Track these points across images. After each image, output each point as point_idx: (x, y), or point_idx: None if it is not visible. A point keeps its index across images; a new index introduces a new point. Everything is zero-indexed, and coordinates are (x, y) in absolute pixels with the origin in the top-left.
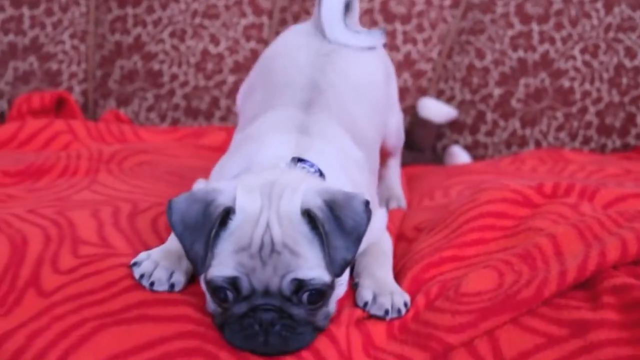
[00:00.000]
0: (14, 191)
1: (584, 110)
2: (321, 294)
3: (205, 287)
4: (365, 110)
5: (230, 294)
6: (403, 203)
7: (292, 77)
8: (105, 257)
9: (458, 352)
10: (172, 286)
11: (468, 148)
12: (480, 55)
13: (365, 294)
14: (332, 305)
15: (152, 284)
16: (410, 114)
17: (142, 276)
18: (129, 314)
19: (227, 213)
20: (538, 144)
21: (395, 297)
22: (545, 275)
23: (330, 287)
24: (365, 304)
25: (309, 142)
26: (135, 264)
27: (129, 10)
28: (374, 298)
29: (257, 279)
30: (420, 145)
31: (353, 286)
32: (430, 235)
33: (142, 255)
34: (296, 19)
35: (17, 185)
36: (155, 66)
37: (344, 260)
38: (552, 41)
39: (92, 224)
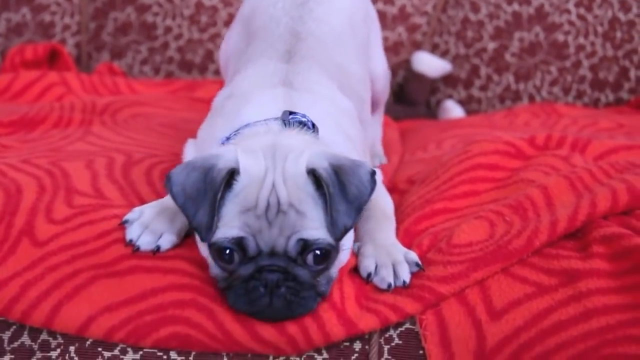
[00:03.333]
0: (7, 141)
1: (577, 65)
2: (325, 255)
3: (209, 251)
4: (349, 55)
5: (236, 256)
6: (384, 160)
7: (271, 29)
8: (99, 208)
9: (449, 301)
10: (158, 248)
11: (462, 102)
12: (475, 8)
13: (368, 263)
14: (334, 270)
15: (138, 247)
16: (405, 68)
17: (130, 240)
18: (122, 265)
19: (232, 175)
20: (532, 98)
21: (398, 267)
22: (536, 225)
23: (335, 249)
24: (369, 274)
25: (297, 96)
26: (126, 221)
27: None
28: (376, 269)
29: (263, 239)
30: (414, 99)
31: (355, 251)
32: (422, 187)
33: (135, 212)
34: None
35: (10, 135)
36: (149, 18)
37: (344, 226)
38: None
39: (86, 175)
